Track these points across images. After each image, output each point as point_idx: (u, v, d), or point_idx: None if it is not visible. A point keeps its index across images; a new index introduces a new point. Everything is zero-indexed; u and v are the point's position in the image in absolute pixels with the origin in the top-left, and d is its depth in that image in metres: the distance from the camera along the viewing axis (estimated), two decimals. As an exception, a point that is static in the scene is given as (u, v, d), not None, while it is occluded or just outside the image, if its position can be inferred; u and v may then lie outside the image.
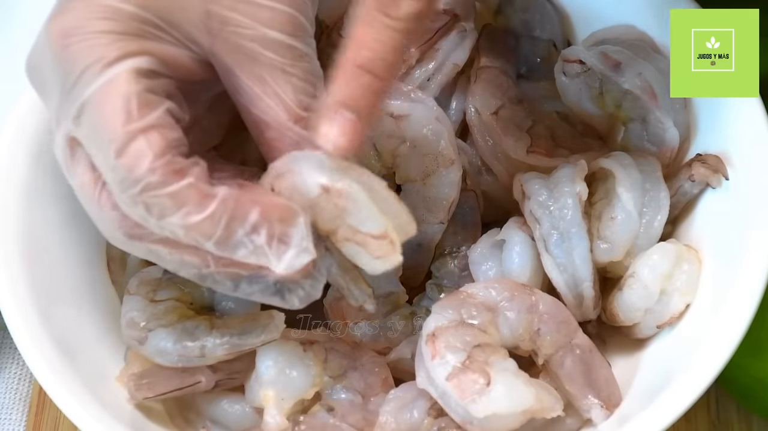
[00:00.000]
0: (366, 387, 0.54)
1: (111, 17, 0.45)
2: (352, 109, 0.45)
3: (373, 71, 0.45)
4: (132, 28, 0.45)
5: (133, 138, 0.44)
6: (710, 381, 0.49)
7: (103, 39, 0.45)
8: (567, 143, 0.59)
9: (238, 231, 0.44)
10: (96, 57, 0.44)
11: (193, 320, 0.54)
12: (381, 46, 0.44)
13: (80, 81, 0.45)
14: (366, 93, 0.45)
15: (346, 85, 0.45)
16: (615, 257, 0.55)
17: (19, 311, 0.53)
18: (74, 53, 0.45)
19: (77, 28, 0.45)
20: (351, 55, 0.45)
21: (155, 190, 0.44)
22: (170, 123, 0.45)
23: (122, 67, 0.44)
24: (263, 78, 0.46)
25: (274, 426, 0.52)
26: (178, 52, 0.46)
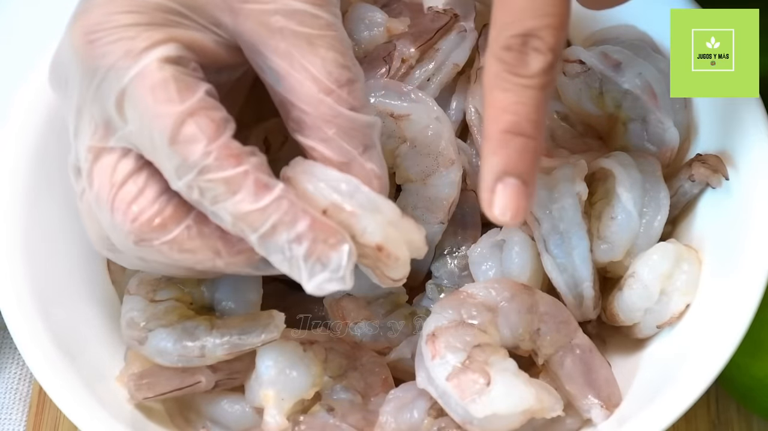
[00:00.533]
0: (366, 387, 0.55)
1: (134, 10, 0.45)
2: (514, 174, 0.44)
3: (523, 133, 0.43)
4: (156, 19, 0.45)
5: (182, 123, 0.44)
6: (710, 381, 0.49)
7: (128, 32, 0.45)
8: (567, 143, 0.59)
9: (282, 234, 0.44)
10: (124, 50, 0.44)
11: (193, 320, 0.54)
12: (524, 107, 0.43)
13: (109, 76, 0.45)
14: (522, 155, 0.43)
15: (500, 154, 0.44)
16: (615, 257, 0.55)
17: (19, 311, 0.53)
18: (100, 49, 0.45)
19: (100, 24, 0.45)
20: (496, 124, 0.44)
21: (210, 173, 0.43)
22: (214, 104, 0.45)
23: (152, 56, 0.44)
24: (289, 53, 0.46)
25: (274, 426, 0.52)
26: (203, 37, 0.46)
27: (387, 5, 0.64)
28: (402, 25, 0.61)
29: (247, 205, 0.44)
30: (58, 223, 0.57)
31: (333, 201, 0.46)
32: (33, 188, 0.56)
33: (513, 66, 0.43)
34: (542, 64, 0.43)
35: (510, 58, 0.43)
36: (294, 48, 0.46)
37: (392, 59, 0.58)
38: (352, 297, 0.56)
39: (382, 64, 0.58)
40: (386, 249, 0.46)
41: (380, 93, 0.56)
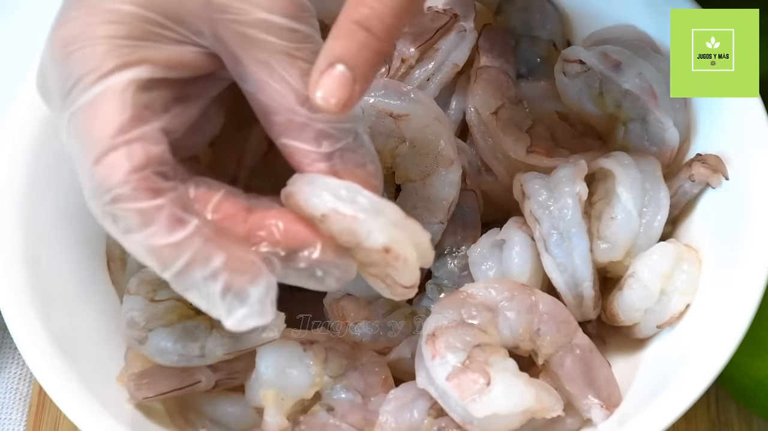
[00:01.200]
0: (366, 387, 0.54)
1: (114, 21, 0.45)
2: (347, 64, 0.43)
3: (370, 29, 0.43)
4: (136, 30, 0.45)
5: (115, 149, 0.43)
6: (710, 381, 0.49)
7: (102, 46, 0.44)
8: (567, 143, 0.59)
9: (196, 272, 0.43)
10: (93, 66, 0.44)
11: (193, 320, 0.54)
12: (381, 7, 0.43)
13: (75, 89, 0.44)
14: (362, 50, 0.43)
15: (341, 40, 0.43)
16: (615, 257, 0.55)
17: (19, 311, 0.53)
18: (73, 61, 0.45)
19: (78, 36, 0.45)
20: (349, 12, 0.44)
21: (124, 203, 0.43)
22: (158, 139, 0.45)
23: (119, 78, 0.44)
24: (269, 63, 0.46)
25: (274, 426, 0.52)
26: (183, 51, 0.46)
27: (387, 5, 0.64)
28: (402, 25, 0.61)
29: (159, 239, 0.43)
30: (57, 223, 0.57)
31: (334, 208, 0.45)
32: (32, 188, 0.56)
33: None
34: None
35: None
36: (273, 59, 0.46)
37: (392, 59, 0.58)
38: (352, 297, 0.56)
39: (382, 64, 0.58)
40: (393, 250, 0.46)
41: (380, 93, 0.56)
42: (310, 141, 0.47)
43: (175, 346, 0.53)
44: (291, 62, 0.46)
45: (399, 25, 0.44)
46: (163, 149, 0.45)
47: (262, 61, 0.46)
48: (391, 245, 0.45)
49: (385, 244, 0.45)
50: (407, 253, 0.46)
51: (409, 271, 0.47)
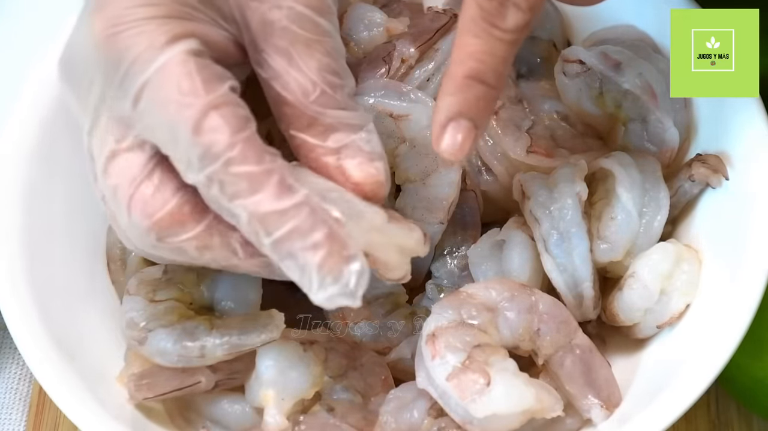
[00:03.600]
0: (366, 387, 0.55)
1: (151, 3, 0.45)
2: (468, 117, 0.45)
3: (485, 81, 0.45)
4: (173, 11, 0.45)
5: (206, 114, 0.44)
6: (710, 381, 0.49)
7: (149, 25, 0.45)
8: (567, 143, 0.59)
9: (297, 241, 0.44)
10: (147, 43, 0.44)
11: (193, 320, 0.54)
12: (491, 57, 0.45)
13: (132, 69, 0.45)
14: (480, 102, 0.45)
15: (458, 96, 0.45)
16: (615, 257, 0.55)
17: (19, 311, 0.53)
18: (122, 43, 0.45)
19: (120, 18, 0.45)
20: (460, 68, 0.45)
21: (234, 166, 0.43)
22: (237, 100, 0.45)
23: (176, 49, 0.44)
24: (288, 51, 0.47)
25: (274, 425, 0.52)
26: (216, 33, 0.47)
27: (387, 5, 0.64)
28: (401, 25, 0.61)
29: (267, 205, 0.44)
30: (57, 223, 0.57)
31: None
32: (33, 188, 0.56)
33: (491, 15, 0.45)
34: (519, 21, 0.45)
35: (490, 7, 0.44)
36: (293, 48, 0.47)
37: (392, 59, 0.58)
38: (353, 297, 0.56)
39: (382, 64, 0.58)
40: (372, 255, 0.46)
41: (380, 93, 0.56)
42: (318, 135, 0.47)
43: (175, 346, 0.53)
44: (310, 54, 0.47)
45: (509, 69, 0.47)
46: (245, 107, 0.45)
47: (283, 48, 0.47)
48: (369, 250, 0.46)
49: (362, 249, 0.45)
50: (387, 257, 0.46)
51: (394, 271, 0.47)
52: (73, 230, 0.57)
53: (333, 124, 0.47)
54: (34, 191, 0.56)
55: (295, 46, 0.47)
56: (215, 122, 0.44)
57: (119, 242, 0.59)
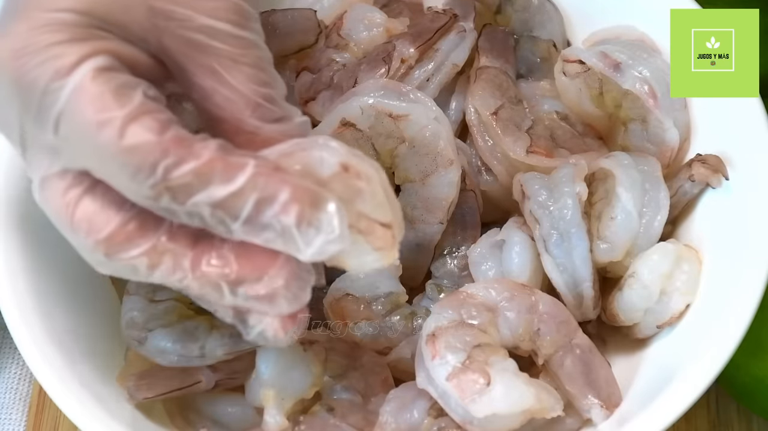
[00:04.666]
0: (366, 387, 0.55)
1: (56, 28, 0.44)
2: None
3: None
4: (80, 34, 0.44)
5: (126, 129, 0.42)
6: (710, 381, 0.49)
7: (53, 51, 0.43)
8: (567, 143, 0.59)
9: (266, 211, 0.43)
10: (53, 71, 0.43)
11: (193, 320, 0.54)
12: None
13: (44, 100, 0.43)
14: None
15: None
16: (615, 257, 0.55)
17: (19, 311, 0.53)
18: (29, 75, 0.43)
19: (23, 47, 0.44)
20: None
21: (176, 169, 0.42)
22: (155, 106, 0.44)
23: (83, 71, 0.43)
24: (215, 70, 0.45)
25: (274, 425, 0.52)
26: (131, 50, 0.45)
27: (386, 5, 0.64)
28: (401, 26, 0.61)
29: (222, 190, 0.42)
30: (58, 223, 0.57)
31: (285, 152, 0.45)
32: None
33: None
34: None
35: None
36: (219, 64, 0.45)
37: (391, 59, 0.58)
38: (352, 297, 0.56)
39: (382, 64, 0.58)
40: (352, 167, 0.44)
41: (379, 93, 0.56)
42: (259, 148, 0.46)
43: (175, 346, 0.53)
44: (237, 68, 0.45)
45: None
46: (166, 112, 0.44)
47: (208, 67, 0.45)
48: (347, 161, 0.44)
49: (341, 162, 0.44)
50: (367, 169, 0.44)
51: (378, 197, 0.45)
52: (73, 230, 0.57)
53: (274, 137, 0.46)
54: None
55: (221, 63, 0.45)
56: (138, 133, 0.42)
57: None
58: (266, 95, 0.46)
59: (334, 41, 0.61)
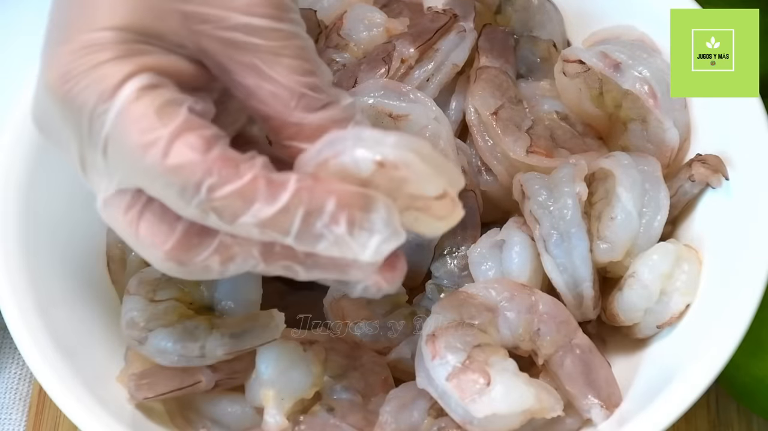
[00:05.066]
0: (366, 387, 0.55)
1: (96, 49, 0.44)
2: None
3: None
4: (120, 52, 0.44)
5: (171, 147, 0.42)
6: (710, 381, 0.49)
7: (96, 73, 0.43)
8: (567, 143, 0.59)
9: (316, 223, 0.43)
10: (97, 95, 0.43)
11: (193, 320, 0.54)
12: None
13: (92, 125, 0.44)
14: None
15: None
16: (615, 257, 0.55)
17: (19, 311, 0.53)
18: (75, 100, 0.44)
19: (67, 72, 0.44)
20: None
21: (219, 190, 0.42)
22: (200, 122, 0.44)
23: (126, 92, 0.43)
24: (255, 66, 0.45)
25: (274, 425, 0.52)
26: (173, 60, 0.45)
27: (387, 5, 0.64)
28: (401, 26, 0.61)
29: (267, 210, 0.43)
30: (57, 223, 0.57)
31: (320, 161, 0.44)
32: (32, 188, 0.56)
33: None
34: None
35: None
36: (259, 60, 0.45)
37: (391, 59, 0.58)
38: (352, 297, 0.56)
39: (382, 64, 0.58)
40: (388, 162, 0.43)
41: (379, 93, 0.56)
42: (309, 139, 0.46)
43: (175, 346, 0.53)
44: (278, 61, 0.45)
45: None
46: (210, 126, 0.44)
47: (249, 64, 0.45)
48: (382, 158, 0.43)
49: (374, 160, 0.43)
50: (407, 158, 0.44)
51: (424, 177, 0.44)
52: (73, 230, 0.57)
53: (321, 124, 0.46)
54: (33, 191, 0.56)
55: (262, 59, 0.45)
56: (182, 152, 0.42)
57: (119, 242, 0.59)
58: (310, 84, 0.46)
59: (334, 41, 0.61)
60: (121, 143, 0.43)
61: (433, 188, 0.44)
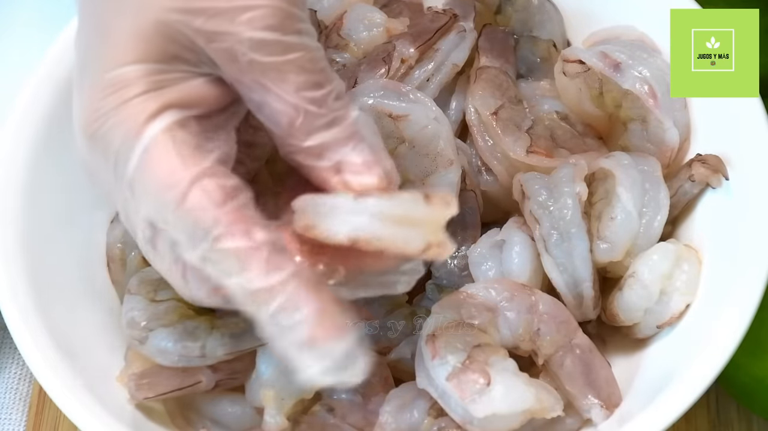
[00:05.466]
0: (366, 387, 0.54)
1: (119, 87, 0.44)
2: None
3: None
4: (144, 87, 0.44)
5: (188, 190, 0.43)
6: (710, 381, 0.49)
7: (122, 113, 0.44)
8: (567, 143, 0.59)
9: (284, 319, 0.43)
10: (122, 135, 0.44)
11: (194, 320, 0.54)
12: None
13: (118, 166, 0.44)
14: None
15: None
16: (615, 257, 0.55)
17: (19, 311, 0.53)
18: (102, 140, 0.44)
19: (95, 111, 0.44)
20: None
21: (222, 242, 0.42)
22: (224, 171, 0.44)
23: (151, 132, 0.43)
24: (261, 83, 0.45)
25: (274, 425, 0.52)
26: (196, 85, 0.45)
27: (387, 5, 0.64)
28: (401, 26, 0.61)
29: (256, 282, 0.43)
30: (58, 223, 0.57)
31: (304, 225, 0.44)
32: (32, 188, 0.56)
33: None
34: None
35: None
36: (264, 77, 0.45)
37: (391, 60, 0.58)
38: (352, 297, 0.56)
39: (382, 64, 0.58)
40: (360, 239, 0.43)
41: (379, 93, 0.56)
42: (312, 156, 0.46)
43: (176, 346, 0.53)
44: (283, 78, 0.45)
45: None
46: (232, 177, 0.44)
47: (256, 81, 0.45)
48: (353, 234, 0.43)
49: (349, 235, 0.44)
50: (377, 233, 0.43)
51: (398, 242, 0.44)
52: (74, 230, 0.57)
53: (324, 142, 0.46)
54: (33, 191, 0.56)
55: (266, 75, 0.45)
56: (198, 196, 0.43)
57: (119, 242, 0.59)
58: (316, 99, 0.45)
59: (334, 41, 0.61)
60: (145, 182, 0.44)
61: (414, 247, 0.44)
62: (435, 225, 0.45)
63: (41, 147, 0.56)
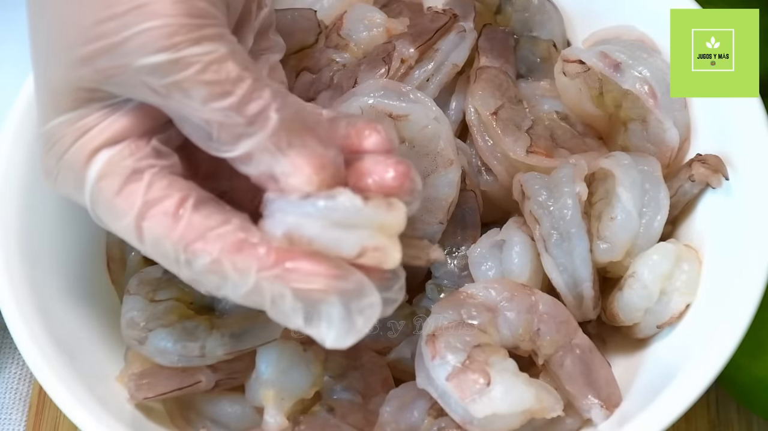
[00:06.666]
0: (366, 387, 0.55)
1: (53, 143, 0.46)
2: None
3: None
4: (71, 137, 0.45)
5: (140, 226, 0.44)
6: (710, 381, 0.49)
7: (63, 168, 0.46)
8: (567, 143, 0.59)
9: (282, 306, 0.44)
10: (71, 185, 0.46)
11: (193, 320, 0.54)
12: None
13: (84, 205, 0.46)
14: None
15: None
16: (615, 257, 0.55)
17: (19, 311, 0.53)
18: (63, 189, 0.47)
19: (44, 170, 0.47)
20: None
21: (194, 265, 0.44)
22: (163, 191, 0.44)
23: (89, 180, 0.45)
24: (167, 106, 0.44)
25: (274, 425, 0.52)
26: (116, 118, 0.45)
27: (387, 5, 0.64)
28: (401, 25, 0.61)
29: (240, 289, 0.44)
30: (57, 223, 0.57)
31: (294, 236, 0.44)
32: (32, 188, 0.56)
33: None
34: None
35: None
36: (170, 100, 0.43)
37: (391, 60, 0.58)
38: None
39: (382, 64, 0.58)
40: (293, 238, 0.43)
41: (379, 93, 0.56)
42: (244, 164, 0.44)
43: (175, 346, 0.53)
44: (186, 94, 0.43)
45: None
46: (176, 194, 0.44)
47: (164, 104, 0.44)
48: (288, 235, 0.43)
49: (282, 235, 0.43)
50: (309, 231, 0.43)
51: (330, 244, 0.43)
52: (73, 230, 0.57)
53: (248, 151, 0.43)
54: (33, 190, 0.56)
55: (172, 96, 0.43)
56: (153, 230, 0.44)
57: (119, 242, 0.59)
58: (225, 108, 0.43)
59: (334, 41, 0.61)
60: (108, 224, 0.46)
61: (347, 251, 0.43)
62: (374, 229, 0.44)
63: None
